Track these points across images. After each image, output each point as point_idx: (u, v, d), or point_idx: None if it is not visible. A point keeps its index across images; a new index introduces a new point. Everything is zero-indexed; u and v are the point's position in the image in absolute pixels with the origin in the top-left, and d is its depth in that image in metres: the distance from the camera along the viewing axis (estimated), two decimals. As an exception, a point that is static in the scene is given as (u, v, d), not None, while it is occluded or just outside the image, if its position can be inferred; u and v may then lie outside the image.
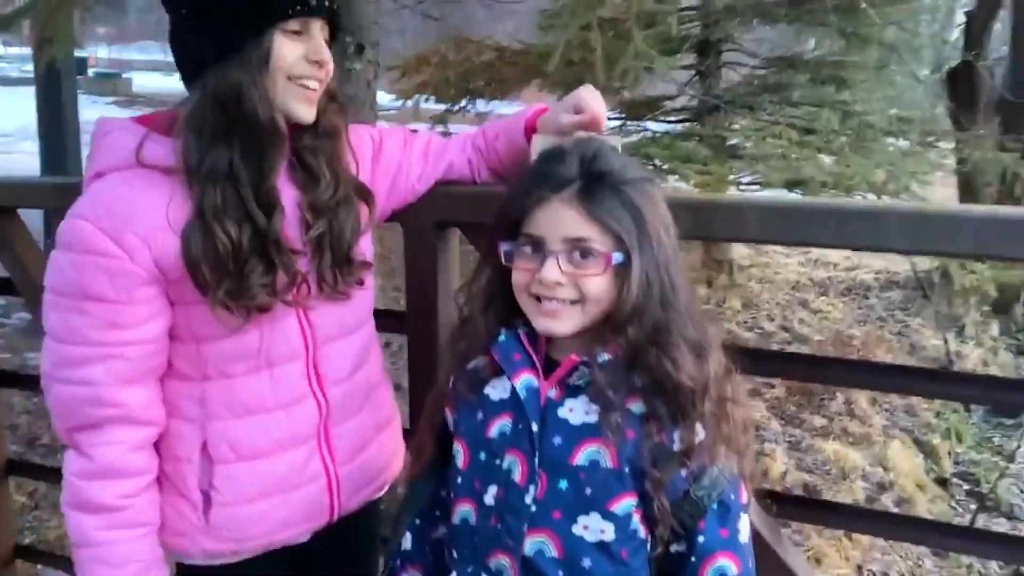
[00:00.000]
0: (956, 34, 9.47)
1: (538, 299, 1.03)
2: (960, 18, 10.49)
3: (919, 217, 1.14)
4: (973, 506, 4.29)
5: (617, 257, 1.00)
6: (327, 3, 1.16)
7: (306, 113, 1.18)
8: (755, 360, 1.34)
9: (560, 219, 1.01)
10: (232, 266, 1.12)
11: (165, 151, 1.14)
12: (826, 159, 5.33)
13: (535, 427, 1.02)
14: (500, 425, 1.07)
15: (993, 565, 3.75)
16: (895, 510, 3.97)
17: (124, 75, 23.95)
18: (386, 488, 1.47)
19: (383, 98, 5.34)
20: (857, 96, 6.17)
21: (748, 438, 1.05)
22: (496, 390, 1.09)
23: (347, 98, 1.61)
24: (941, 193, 6.40)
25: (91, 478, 1.16)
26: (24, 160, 10.24)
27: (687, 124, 6.46)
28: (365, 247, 1.30)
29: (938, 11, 8.60)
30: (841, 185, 5.29)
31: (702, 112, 6.23)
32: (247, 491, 1.24)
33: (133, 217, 1.11)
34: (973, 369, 5.97)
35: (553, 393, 1.04)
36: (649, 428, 1.00)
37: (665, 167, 5.15)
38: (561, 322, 1.03)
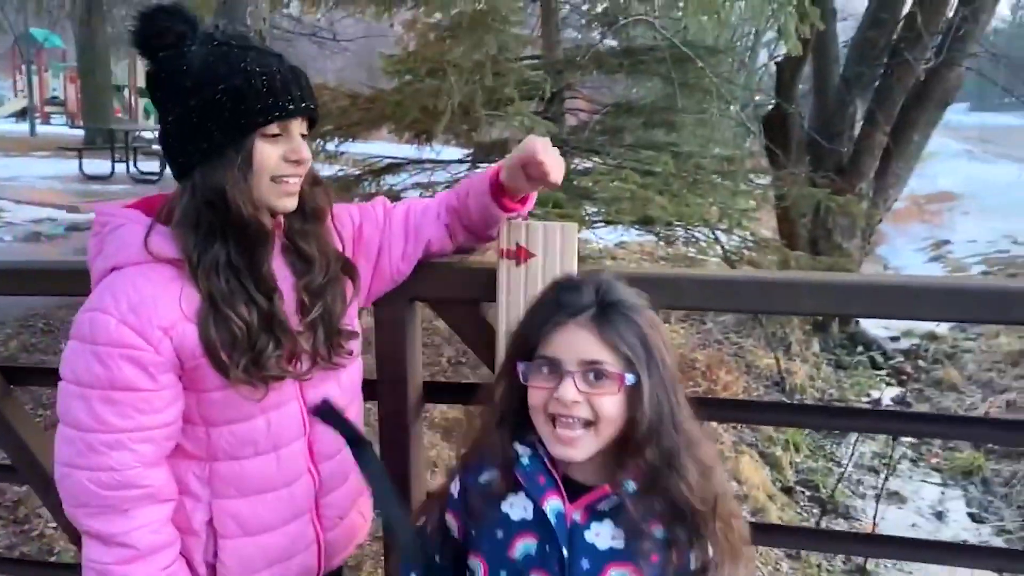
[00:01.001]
0: (757, 77, 10.47)
1: (553, 421, 1.10)
2: (761, 60, 11.59)
3: (825, 285, 1.39)
4: (816, 510, 4.77)
5: (630, 378, 1.07)
6: (303, 103, 1.23)
7: (288, 204, 1.26)
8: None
9: (576, 342, 1.08)
10: (247, 345, 1.20)
11: (169, 243, 1.21)
12: (666, 199, 5.77)
13: (566, 552, 1.09)
14: (524, 545, 1.12)
15: (838, 562, 4.21)
16: (752, 519, 4.37)
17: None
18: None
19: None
20: (683, 138, 6.75)
21: (749, 550, 1.16)
22: (515, 509, 1.14)
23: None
24: (765, 226, 7.05)
25: (132, 561, 1.21)
26: None
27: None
28: (352, 317, 1.39)
29: (746, 59, 9.48)
30: (682, 222, 5.79)
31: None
32: (253, 563, 1.31)
33: (156, 311, 1.17)
34: (801, 384, 6.61)
35: (578, 516, 1.11)
36: (670, 553, 1.09)
37: (524, 210, 5.40)
38: (578, 450, 1.09)
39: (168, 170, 1.24)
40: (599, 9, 7.07)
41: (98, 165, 13.16)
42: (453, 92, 5.57)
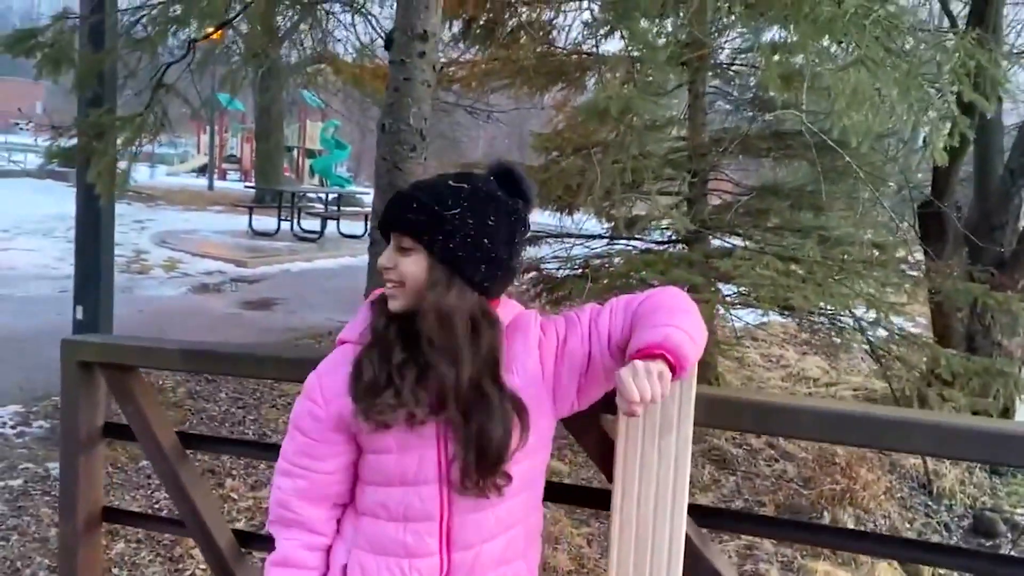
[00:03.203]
0: (917, 159, 10.09)
1: None
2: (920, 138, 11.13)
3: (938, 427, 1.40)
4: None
5: None
6: (387, 222, 1.39)
7: (390, 304, 1.41)
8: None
9: None
10: (370, 390, 1.37)
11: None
12: (809, 288, 5.62)
13: None
14: None
15: None
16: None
17: None
18: None
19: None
20: (832, 222, 6.58)
21: None
22: None
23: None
24: (919, 313, 6.77)
25: (273, 564, 1.49)
26: (20, 257, 10.26)
27: (676, 246, 6.82)
28: (514, 462, 1.39)
29: (905, 138, 9.20)
30: (826, 312, 5.67)
31: (689, 237, 6.58)
32: None
33: (340, 379, 1.41)
34: (950, 488, 6.23)
35: None
36: None
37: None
38: None
39: (327, 230, 1.45)
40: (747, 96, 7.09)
41: (265, 222, 14.15)
42: (598, 175, 5.71)
